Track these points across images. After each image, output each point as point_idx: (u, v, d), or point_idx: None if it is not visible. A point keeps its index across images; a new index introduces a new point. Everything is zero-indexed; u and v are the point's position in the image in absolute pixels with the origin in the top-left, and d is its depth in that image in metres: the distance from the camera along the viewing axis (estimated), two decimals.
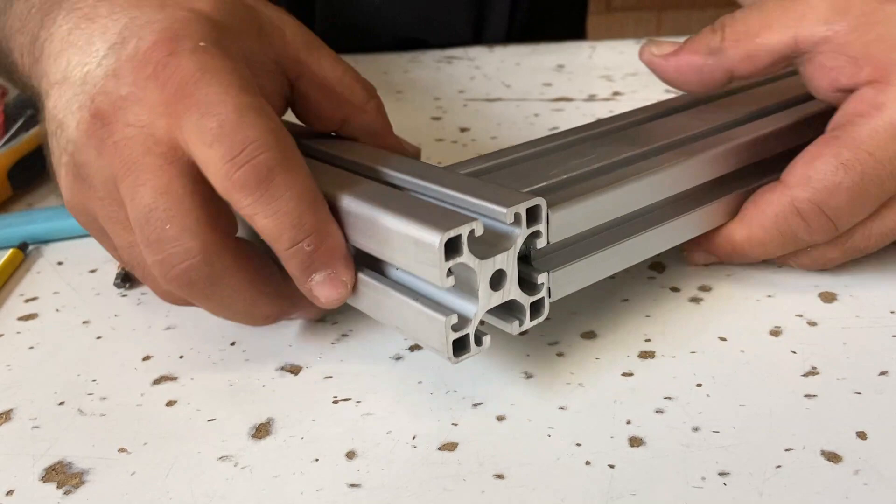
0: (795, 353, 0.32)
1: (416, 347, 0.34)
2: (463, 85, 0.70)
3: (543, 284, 0.30)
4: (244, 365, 0.34)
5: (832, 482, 0.26)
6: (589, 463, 0.27)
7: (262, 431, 0.30)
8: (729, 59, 0.36)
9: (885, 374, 0.31)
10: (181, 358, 0.34)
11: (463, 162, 0.35)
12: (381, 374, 0.33)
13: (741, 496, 0.26)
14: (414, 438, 0.29)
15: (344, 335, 0.35)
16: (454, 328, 0.27)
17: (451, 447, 0.28)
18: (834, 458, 0.27)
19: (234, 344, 0.35)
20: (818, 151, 0.33)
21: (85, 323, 0.38)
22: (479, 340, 0.28)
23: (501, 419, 0.30)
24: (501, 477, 0.27)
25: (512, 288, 0.29)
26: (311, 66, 0.35)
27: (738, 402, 0.30)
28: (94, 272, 0.42)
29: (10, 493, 0.28)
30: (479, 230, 0.27)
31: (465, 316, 0.28)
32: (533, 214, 0.28)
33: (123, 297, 0.40)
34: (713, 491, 0.26)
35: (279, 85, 0.35)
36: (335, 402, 0.31)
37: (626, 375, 0.32)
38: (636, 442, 0.28)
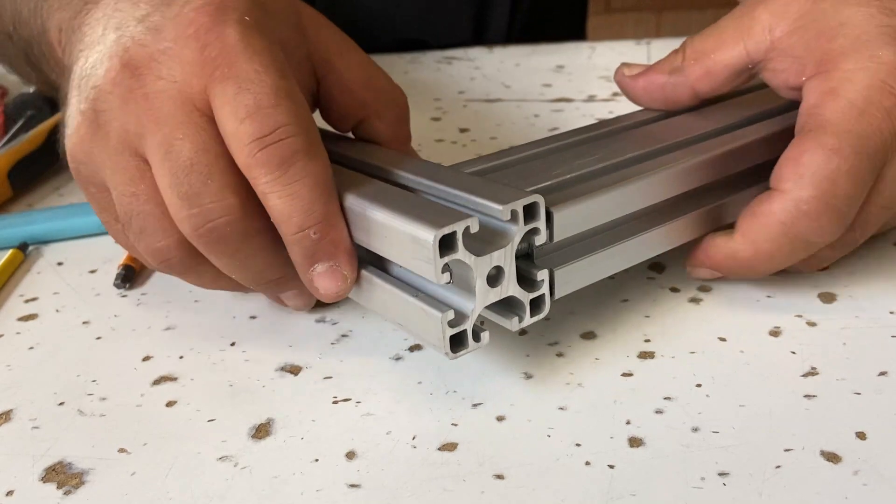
0: (795, 353, 0.32)
1: (415, 347, 0.34)
2: (463, 85, 0.70)
3: (543, 281, 0.30)
4: (244, 365, 0.34)
5: (832, 482, 0.26)
6: (589, 463, 0.27)
7: (261, 432, 0.30)
8: (689, 76, 0.38)
9: (884, 374, 0.31)
10: (181, 358, 0.34)
11: (466, 161, 0.35)
12: (380, 374, 0.33)
13: (741, 496, 0.26)
14: (414, 439, 0.29)
15: (344, 335, 0.35)
16: (451, 324, 0.28)
17: (450, 447, 0.28)
18: (833, 458, 0.27)
19: (233, 344, 0.35)
20: (800, 150, 0.33)
21: (85, 323, 0.38)
22: (477, 336, 0.29)
23: (501, 419, 0.30)
24: (501, 477, 0.27)
25: (510, 285, 0.29)
26: (338, 67, 0.36)
27: (737, 402, 0.30)
28: (93, 272, 0.42)
29: (9, 493, 0.28)
30: (474, 227, 0.27)
31: (462, 312, 0.28)
32: (531, 211, 0.28)
33: (123, 297, 0.40)
34: (713, 491, 0.26)
35: (308, 81, 0.35)
36: (335, 402, 0.31)
37: (625, 376, 0.32)
38: (636, 442, 0.28)
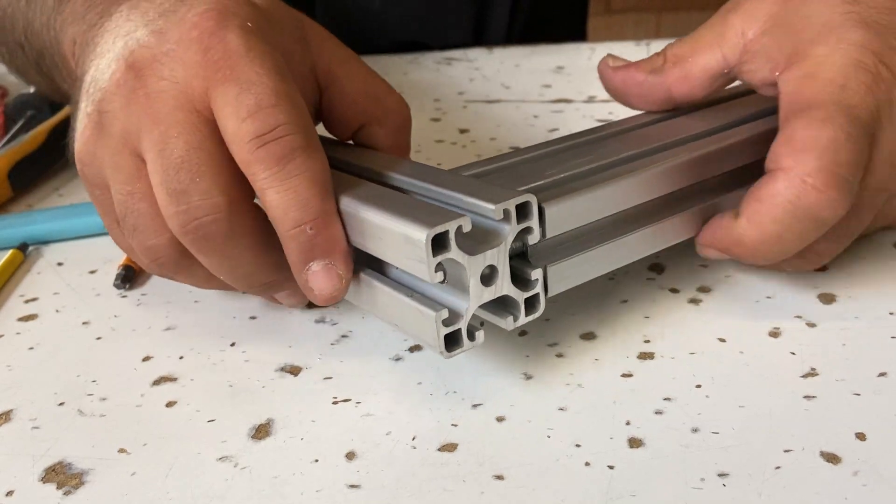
0: (794, 354, 0.32)
1: (415, 348, 0.34)
2: (462, 86, 0.70)
3: (538, 280, 0.30)
4: (244, 366, 0.34)
5: (831, 483, 0.26)
6: (588, 464, 0.27)
7: (261, 432, 0.30)
8: (667, 78, 0.39)
9: (884, 375, 0.31)
10: (181, 359, 0.34)
11: (462, 166, 0.35)
12: (380, 374, 0.33)
13: (740, 497, 0.26)
14: (414, 439, 0.29)
15: (344, 336, 0.35)
16: (445, 323, 0.28)
17: (450, 448, 0.28)
18: (833, 459, 0.27)
19: (233, 345, 0.35)
20: (791, 130, 0.32)
21: (85, 323, 0.38)
22: (472, 335, 0.29)
23: (501, 420, 0.30)
24: (501, 478, 0.27)
25: (504, 284, 0.29)
26: (340, 77, 0.36)
27: (737, 403, 0.30)
28: (94, 273, 0.42)
29: (9, 493, 0.28)
30: (466, 226, 0.27)
31: (457, 311, 0.28)
32: (524, 211, 0.29)
33: (123, 297, 0.40)
34: (712, 492, 0.26)
35: (311, 92, 0.36)
36: (335, 402, 0.31)
37: (625, 376, 0.32)
38: (635, 443, 0.28)
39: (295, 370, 0.33)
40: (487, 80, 0.71)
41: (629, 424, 0.29)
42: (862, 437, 0.28)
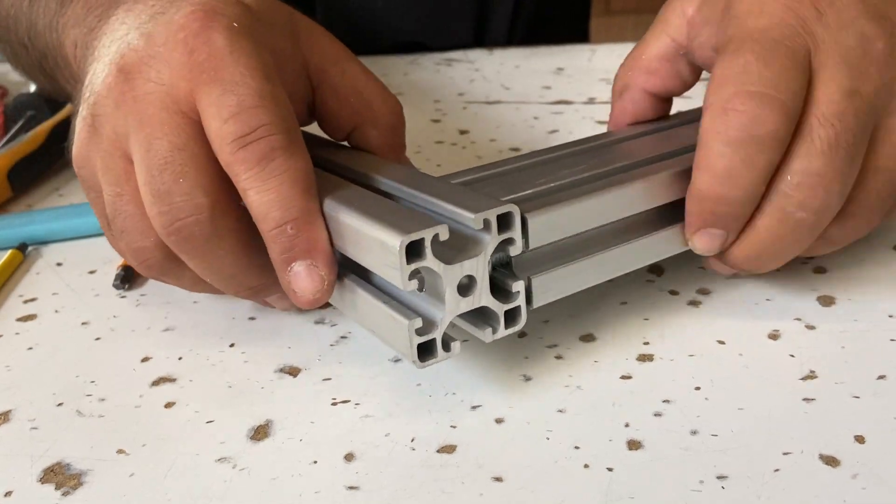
0: (794, 356, 0.32)
1: None
2: (462, 87, 0.70)
3: (519, 293, 0.29)
4: (243, 366, 0.34)
5: (830, 486, 0.26)
6: (587, 466, 0.27)
7: (260, 433, 0.30)
8: (637, 85, 0.40)
9: (883, 377, 0.31)
10: (180, 359, 0.34)
11: (460, 171, 0.35)
12: (379, 376, 0.33)
13: (739, 499, 0.26)
14: (412, 441, 0.29)
15: (343, 337, 0.35)
16: (419, 332, 0.28)
17: (449, 449, 0.28)
18: (832, 461, 0.27)
19: (232, 345, 0.35)
20: (712, 74, 0.33)
21: (84, 324, 0.38)
22: (447, 346, 0.28)
23: (500, 422, 0.30)
24: (500, 479, 0.27)
25: (483, 295, 0.28)
26: (333, 76, 0.36)
27: (736, 405, 0.30)
28: (93, 273, 0.42)
29: (8, 493, 0.28)
30: (444, 234, 0.27)
31: (432, 320, 0.28)
32: (506, 221, 0.28)
33: (122, 298, 0.40)
34: (711, 494, 0.26)
35: (302, 89, 0.36)
36: (334, 403, 0.31)
37: (624, 378, 0.32)
38: (635, 445, 0.28)
39: (294, 371, 0.33)
40: (487, 81, 0.71)
41: (628, 426, 0.29)
42: (861, 439, 0.28)
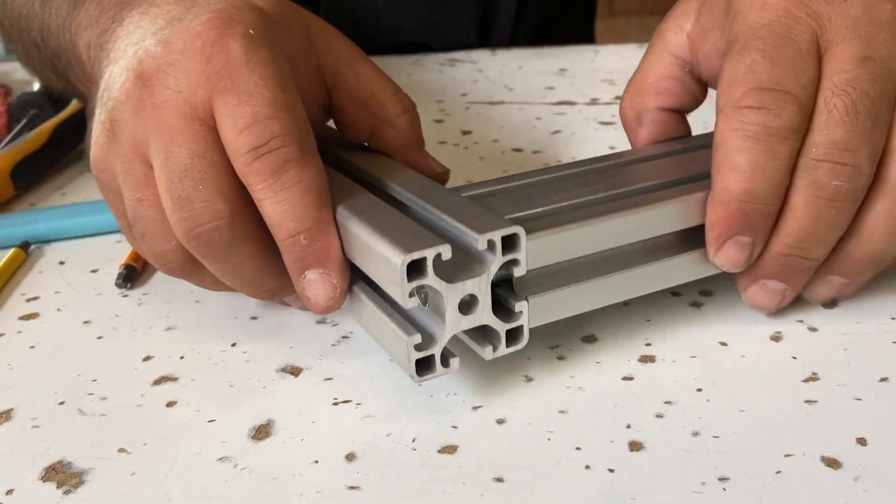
0: (796, 358, 0.32)
1: None
2: (465, 88, 0.70)
3: (522, 313, 0.30)
4: (245, 366, 0.34)
5: (832, 488, 0.26)
6: (589, 467, 0.27)
7: (261, 433, 0.30)
8: (651, 107, 0.39)
9: (885, 380, 0.31)
10: (182, 358, 0.34)
11: (474, 184, 0.35)
12: (381, 376, 0.33)
13: (740, 501, 0.25)
14: (414, 441, 0.29)
15: (345, 337, 0.35)
16: (417, 348, 0.28)
17: (450, 450, 0.28)
18: (834, 464, 0.27)
19: (234, 345, 0.35)
20: (721, 76, 0.32)
21: (86, 323, 0.38)
22: (446, 362, 0.29)
23: (501, 422, 0.30)
24: (501, 480, 0.27)
25: (485, 313, 0.29)
26: (348, 78, 0.36)
27: (738, 407, 0.30)
28: (95, 272, 0.42)
29: (9, 492, 0.28)
30: (446, 254, 0.27)
31: (432, 336, 0.28)
32: (511, 242, 0.28)
33: (125, 297, 0.40)
34: (713, 496, 0.26)
35: (318, 91, 0.36)
36: (335, 403, 0.31)
37: (626, 380, 0.32)
38: (636, 446, 0.28)
39: (296, 371, 0.33)
40: (491, 81, 0.71)
41: (630, 428, 0.29)
42: (863, 442, 0.28)
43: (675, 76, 0.39)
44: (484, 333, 0.30)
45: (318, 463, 0.28)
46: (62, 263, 0.43)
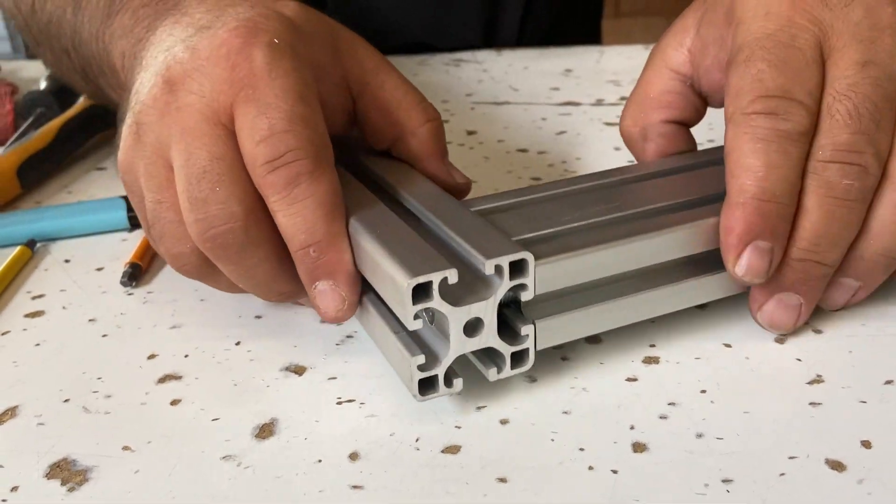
0: (800, 360, 0.32)
1: None
2: (471, 88, 0.70)
3: (528, 336, 0.30)
4: (249, 365, 0.34)
5: (836, 491, 0.26)
6: (592, 468, 0.27)
7: (265, 431, 0.30)
8: (657, 121, 0.40)
9: (890, 382, 0.31)
10: (186, 357, 0.34)
11: (487, 196, 0.35)
12: (385, 375, 0.33)
13: (744, 503, 0.25)
14: (417, 441, 0.29)
15: (349, 336, 0.35)
16: (421, 368, 0.28)
17: (454, 450, 0.28)
18: (838, 466, 0.27)
19: (238, 344, 0.35)
20: (727, 85, 0.33)
21: (91, 321, 0.38)
22: (449, 382, 0.29)
23: (505, 423, 0.30)
24: (504, 480, 0.27)
25: (490, 336, 0.29)
26: (373, 87, 0.37)
27: (742, 409, 0.30)
28: (100, 270, 0.42)
29: (14, 489, 0.28)
30: (452, 278, 0.27)
31: (436, 356, 0.29)
32: (519, 267, 0.28)
33: (130, 295, 0.40)
34: (716, 498, 0.26)
35: (343, 100, 0.37)
36: (339, 403, 0.31)
37: (630, 381, 0.32)
38: (640, 447, 0.28)
39: (300, 370, 0.33)
40: (496, 81, 0.71)
41: (633, 429, 0.29)
42: (867, 444, 0.28)
43: (676, 90, 0.39)
44: (489, 353, 0.30)
45: (321, 462, 0.28)
46: (68, 261, 0.43)
